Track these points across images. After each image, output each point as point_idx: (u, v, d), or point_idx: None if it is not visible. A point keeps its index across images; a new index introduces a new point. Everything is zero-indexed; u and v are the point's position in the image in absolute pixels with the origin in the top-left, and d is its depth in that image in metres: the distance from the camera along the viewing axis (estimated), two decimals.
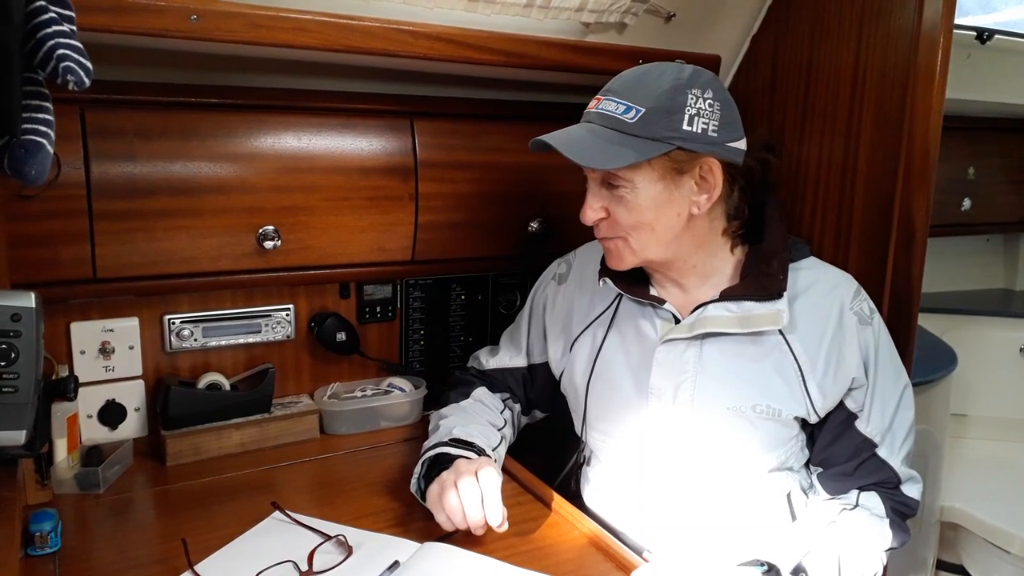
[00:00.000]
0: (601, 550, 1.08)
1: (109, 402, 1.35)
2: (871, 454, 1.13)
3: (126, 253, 1.25)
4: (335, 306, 1.54)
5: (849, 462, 1.14)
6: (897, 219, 1.26)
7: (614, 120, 1.06)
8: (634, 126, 1.04)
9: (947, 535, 1.95)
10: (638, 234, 1.10)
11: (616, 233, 1.12)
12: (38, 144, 0.80)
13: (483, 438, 1.22)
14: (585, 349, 1.26)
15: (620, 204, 1.09)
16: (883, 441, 1.13)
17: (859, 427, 1.13)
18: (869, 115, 1.31)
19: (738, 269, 1.17)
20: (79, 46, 0.79)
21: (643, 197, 1.08)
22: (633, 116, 1.05)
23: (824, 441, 1.16)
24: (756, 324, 1.10)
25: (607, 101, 1.08)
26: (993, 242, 2.66)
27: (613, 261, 1.15)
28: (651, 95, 1.05)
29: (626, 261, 1.14)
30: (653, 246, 1.12)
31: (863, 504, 1.13)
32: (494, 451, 1.23)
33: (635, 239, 1.11)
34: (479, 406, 1.33)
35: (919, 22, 1.21)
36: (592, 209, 1.12)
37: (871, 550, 1.11)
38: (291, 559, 1.00)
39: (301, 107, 1.35)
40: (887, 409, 1.14)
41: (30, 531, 1.03)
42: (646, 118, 1.04)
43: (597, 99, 1.10)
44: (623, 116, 1.05)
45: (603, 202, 1.11)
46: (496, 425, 1.31)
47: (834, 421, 1.14)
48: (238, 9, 1.09)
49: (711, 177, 1.09)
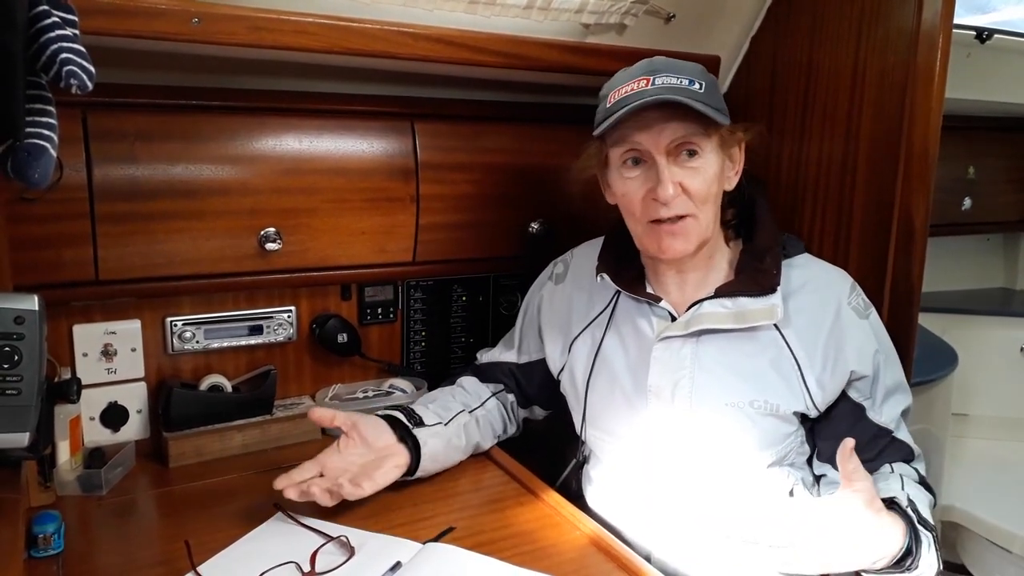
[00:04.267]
0: (603, 550, 1.08)
1: (111, 404, 1.35)
2: (890, 439, 1.15)
3: (128, 255, 1.25)
4: (336, 308, 1.55)
5: (870, 449, 1.14)
6: (897, 218, 1.26)
7: (684, 91, 1.05)
8: (704, 95, 1.06)
9: (948, 535, 1.95)
10: (707, 208, 1.10)
11: (688, 210, 1.09)
12: (41, 148, 0.80)
13: (432, 407, 1.28)
14: (584, 348, 1.26)
15: (696, 176, 1.08)
16: (898, 426, 1.16)
17: (872, 418, 1.14)
18: (869, 115, 1.31)
19: (732, 266, 1.18)
20: (82, 50, 0.80)
21: (713, 167, 1.09)
22: (699, 88, 1.06)
23: (836, 434, 1.13)
24: (751, 319, 1.11)
25: (664, 77, 1.07)
26: (993, 241, 2.66)
27: (679, 244, 1.10)
28: (699, 71, 1.09)
29: (692, 242, 1.11)
30: (712, 222, 1.13)
31: (897, 471, 1.14)
32: (441, 418, 1.27)
33: (703, 214, 1.10)
34: (457, 389, 1.38)
35: (918, 22, 1.21)
36: (672, 183, 1.06)
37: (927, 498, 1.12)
38: (294, 560, 1.00)
39: (302, 109, 1.36)
40: (899, 397, 1.16)
41: (33, 533, 1.03)
42: (708, 90, 1.07)
43: (644, 79, 1.07)
44: (691, 87, 1.06)
45: (677, 177, 1.07)
46: (468, 406, 1.34)
47: (841, 412, 1.14)
48: (239, 12, 1.09)
49: (740, 155, 1.14)
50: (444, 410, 1.29)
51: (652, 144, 1.07)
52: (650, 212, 1.10)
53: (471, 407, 1.34)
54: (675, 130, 1.06)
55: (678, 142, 1.07)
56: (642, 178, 1.10)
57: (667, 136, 1.06)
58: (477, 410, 1.34)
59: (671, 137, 1.06)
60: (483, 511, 1.18)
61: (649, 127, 1.06)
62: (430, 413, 1.26)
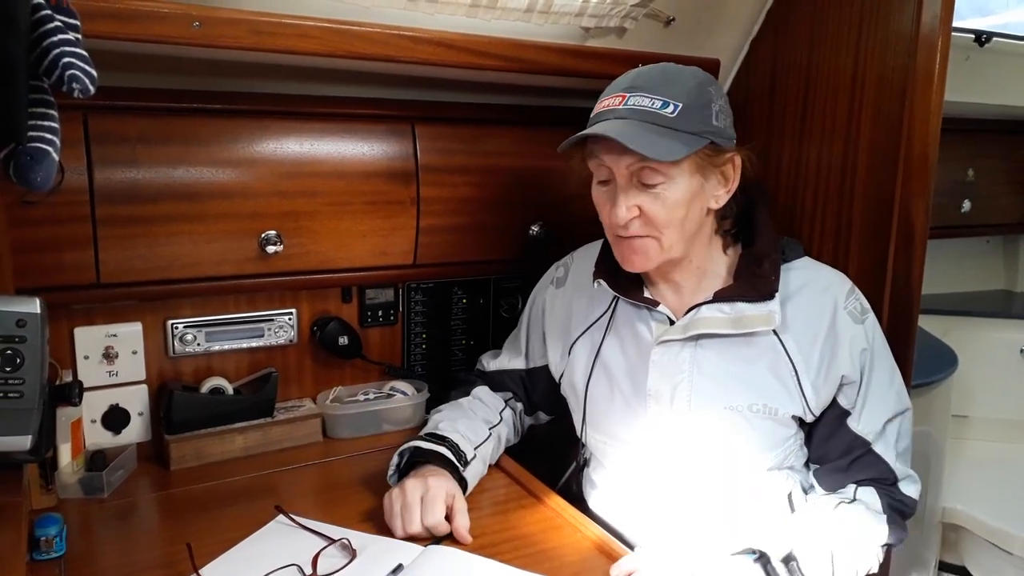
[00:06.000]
0: (605, 553, 1.09)
1: (113, 407, 1.35)
2: (865, 450, 1.14)
3: (129, 258, 1.25)
4: (337, 310, 1.55)
5: (843, 458, 1.15)
6: (897, 221, 1.26)
7: (651, 114, 1.04)
8: (674, 120, 1.04)
9: (949, 536, 1.96)
10: (670, 231, 1.09)
11: (648, 232, 1.09)
12: (44, 152, 0.80)
13: (467, 434, 1.24)
14: (584, 352, 1.26)
15: (656, 201, 1.07)
16: (877, 439, 1.14)
17: (851, 425, 1.13)
18: (868, 118, 1.31)
19: (731, 271, 1.18)
20: (84, 54, 0.80)
21: (679, 192, 1.07)
22: (672, 111, 1.04)
23: (819, 438, 1.17)
24: (748, 325, 1.11)
25: (637, 97, 1.06)
26: (993, 243, 2.67)
27: (638, 260, 1.12)
28: (682, 90, 1.06)
29: (652, 260, 1.11)
30: (680, 243, 1.11)
31: (860, 499, 1.13)
32: (477, 448, 1.25)
33: (667, 236, 1.09)
34: (476, 403, 1.36)
35: (917, 25, 1.21)
36: (626, 208, 1.07)
37: (866, 544, 1.11)
38: (295, 563, 1.00)
39: (303, 112, 1.36)
40: (880, 407, 1.14)
41: (35, 536, 1.03)
42: (684, 112, 1.04)
43: (620, 96, 1.07)
44: (661, 111, 1.04)
45: (635, 200, 1.08)
46: (491, 423, 1.32)
47: (828, 418, 1.15)
48: (240, 16, 1.10)
49: (732, 172, 1.11)
50: (475, 436, 1.27)
51: (613, 164, 1.07)
52: (614, 226, 1.11)
53: (492, 423, 1.33)
54: (633, 155, 1.04)
55: (637, 167, 1.05)
56: (608, 194, 1.11)
57: (626, 159, 1.05)
58: (498, 427, 1.34)
59: (629, 161, 1.05)
60: (485, 514, 1.18)
61: (611, 149, 1.06)
62: (467, 444, 1.23)
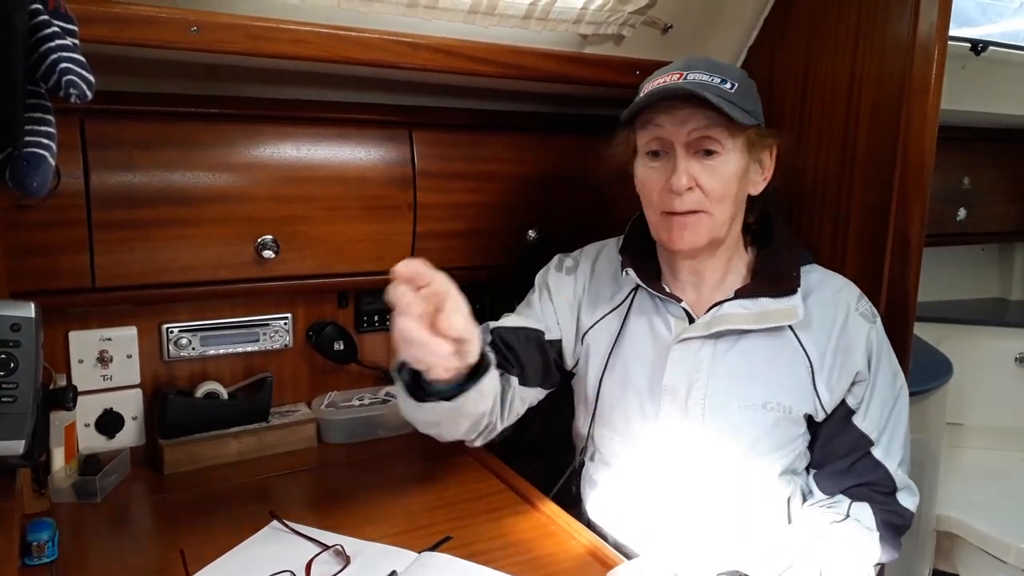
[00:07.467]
0: (599, 560, 1.08)
1: (107, 411, 1.35)
2: (866, 452, 1.14)
3: (125, 262, 1.25)
4: (333, 315, 1.55)
5: (844, 459, 1.15)
6: (893, 229, 1.27)
7: (715, 88, 1.05)
8: (734, 95, 1.06)
9: (943, 545, 1.95)
10: (723, 207, 1.10)
11: (701, 206, 1.09)
12: (40, 156, 0.80)
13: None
14: (600, 344, 1.25)
15: (712, 174, 1.08)
16: (879, 440, 1.15)
17: (856, 422, 1.14)
18: (865, 126, 1.31)
19: (750, 270, 1.20)
20: (81, 59, 0.80)
21: (732, 167, 1.09)
22: (731, 88, 1.07)
23: (824, 438, 1.17)
24: (772, 320, 1.13)
25: (696, 73, 1.08)
26: (988, 252, 2.67)
27: (688, 236, 1.11)
28: (735, 74, 1.10)
29: (701, 237, 1.11)
30: (727, 223, 1.13)
31: (853, 515, 1.13)
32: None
33: (719, 212, 1.10)
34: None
35: (914, 33, 1.22)
36: (686, 175, 1.07)
37: (857, 565, 1.10)
38: (289, 569, 1.00)
39: (300, 117, 1.36)
40: (884, 407, 1.15)
41: (28, 540, 1.02)
42: (741, 91, 1.07)
43: (678, 73, 1.08)
44: (722, 86, 1.06)
45: (692, 171, 1.08)
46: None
47: (835, 417, 1.15)
48: (238, 21, 1.10)
49: (769, 162, 1.14)
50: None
51: (674, 132, 1.08)
52: (665, 203, 1.11)
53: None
54: (698, 120, 1.06)
55: (699, 134, 1.07)
56: (661, 169, 1.11)
57: (690, 125, 1.07)
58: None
59: (693, 126, 1.07)
60: (480, 520, 1.18)
61: (673, 114, 1.07)
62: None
